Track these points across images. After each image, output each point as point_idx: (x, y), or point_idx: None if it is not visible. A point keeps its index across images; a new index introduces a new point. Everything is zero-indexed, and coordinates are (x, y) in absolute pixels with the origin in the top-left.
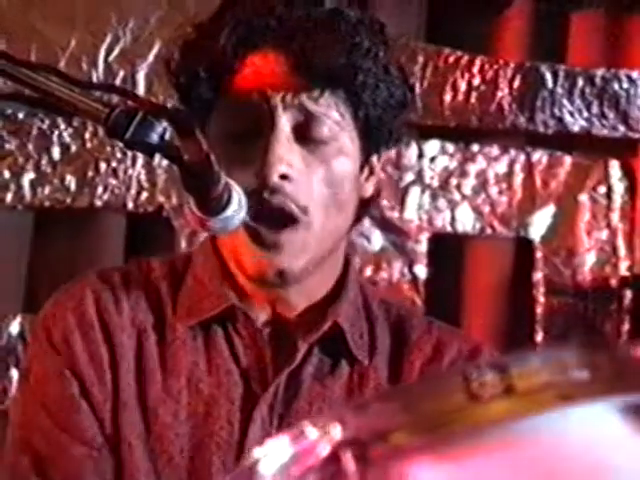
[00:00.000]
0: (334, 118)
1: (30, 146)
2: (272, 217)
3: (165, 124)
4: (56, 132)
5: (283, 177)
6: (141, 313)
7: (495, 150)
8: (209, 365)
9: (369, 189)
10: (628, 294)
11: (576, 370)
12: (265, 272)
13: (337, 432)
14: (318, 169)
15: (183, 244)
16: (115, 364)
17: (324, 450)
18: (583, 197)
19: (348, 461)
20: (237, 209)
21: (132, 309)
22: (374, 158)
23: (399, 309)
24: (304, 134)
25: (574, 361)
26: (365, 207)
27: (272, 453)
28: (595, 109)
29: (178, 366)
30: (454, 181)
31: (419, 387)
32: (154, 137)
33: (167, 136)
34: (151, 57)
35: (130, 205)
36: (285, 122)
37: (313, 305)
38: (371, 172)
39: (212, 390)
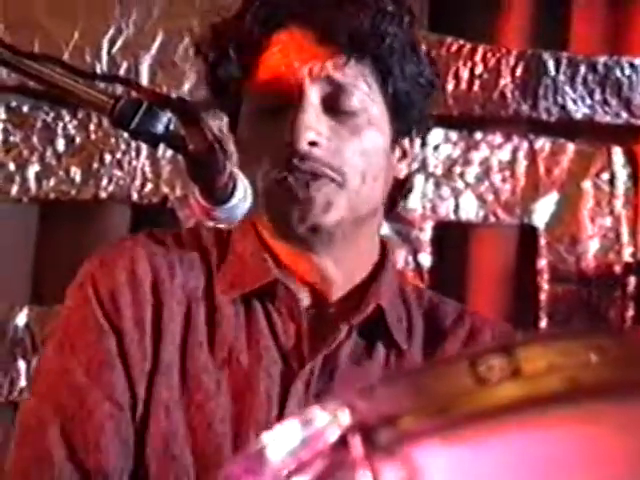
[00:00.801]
0: (363, 89)
1: (35, 138)
2: (304, 178)
3: (170, 114)
4: (61, 124)
5: (312, 144)
6: (193, 280)
7: (498, 138)
8: (249, 340)
9: (402, 170)
10: (632, 280)
11: (583, 353)
12: (297, 227)
13: (346, 417)
14: (350, 140)
15: None
16: (160, 328)
17: (333, 435)
18: (586, 184)
19: (357, 446)
20: (242, 198)
21: (185, 275)
22: (406, 140)
23: (431, 295)
24: (333, 106)
25: (581, 344)
26: (400, 189)
27: (281, 438)
28: (598, 96)
29: (222, 337)
30: (458, 169)
31: (427, 371)
32: (159, 127)
33: (172, 126)
34: (154, 49)
35: (135, 196)
36: (313, 94)
37: (354, 288)
38: (404, 154)
39: (252, 364)
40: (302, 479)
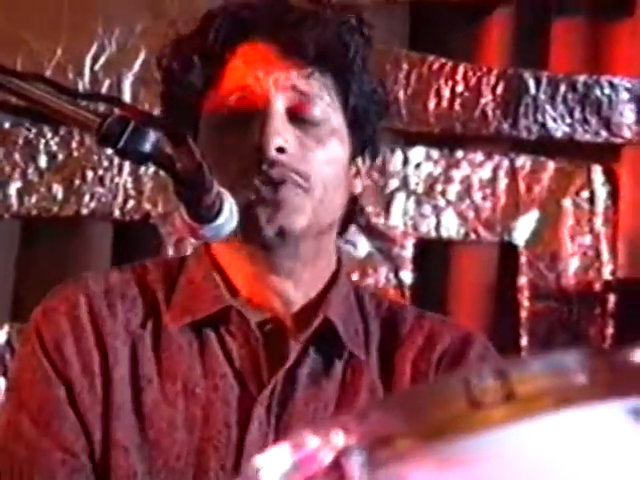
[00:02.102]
0: (326, 100)
1: (17, 155)
2: (272, 183)
3: (157, 133)
4: (43, 141)
5: (280, 150)
6: (136, 318)
7: (479, 156)
8: (204, 369)
9: (357, 186)
10: (611, 298)
11: (575, 374)
12: (265, 229)
13: (340, 439)
14: (315, 149)
15: (170, 251)
16: (107, 370)
17: (327, 458)
18: (566, 202)
19: (351, 468)
20: (229, 217)
21: (126, 314)
22: (359, 160)
23: (390, 303)
24: (297, 115)
25: (573, 365)
26: (353, 206)
27: (273, 462)
28: (577, 115)
29: (174, 371)
30: (439, 187)
31: (421, 393)
32: (147, 146)
33: (159, 145)
34: (136, 66)
35: (117, 213)
36: (279, 102)
37: (307, 304)
38: (357, 172)
39: (208, 394)
40: None
